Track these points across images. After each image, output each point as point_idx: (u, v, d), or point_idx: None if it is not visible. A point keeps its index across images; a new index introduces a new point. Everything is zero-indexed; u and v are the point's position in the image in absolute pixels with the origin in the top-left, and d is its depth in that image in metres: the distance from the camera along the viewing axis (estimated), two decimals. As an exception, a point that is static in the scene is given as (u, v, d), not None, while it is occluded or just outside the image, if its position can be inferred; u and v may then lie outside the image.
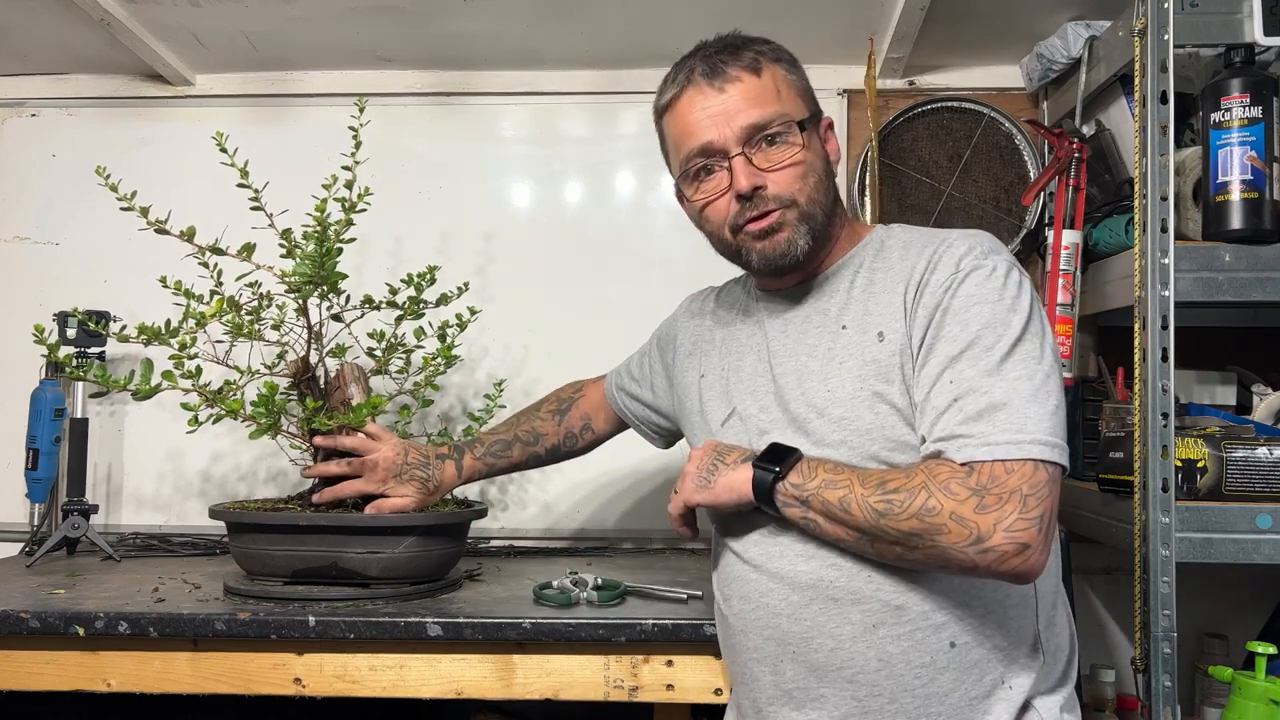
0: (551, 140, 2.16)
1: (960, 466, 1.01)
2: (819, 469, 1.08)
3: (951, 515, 0.99)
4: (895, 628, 1.08)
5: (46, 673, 1.42)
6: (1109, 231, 1.73)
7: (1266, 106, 1.43)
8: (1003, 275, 1.08)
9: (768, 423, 1.18)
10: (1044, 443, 1.00)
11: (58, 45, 2.02)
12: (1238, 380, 1.77)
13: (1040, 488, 0.99)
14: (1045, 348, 1.06)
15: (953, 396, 1.03)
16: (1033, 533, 0.98)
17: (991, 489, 0.99)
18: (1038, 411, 1.01)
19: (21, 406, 2.02)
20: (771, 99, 1.16)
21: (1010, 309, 1.06)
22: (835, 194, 1.21)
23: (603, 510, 2.10)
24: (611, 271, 2.12)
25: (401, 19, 1.89)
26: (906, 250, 1.16)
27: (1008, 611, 1.09)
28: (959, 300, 1.07)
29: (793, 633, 1.12)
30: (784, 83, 1.18)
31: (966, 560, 0.99)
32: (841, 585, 1.10)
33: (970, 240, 1.12)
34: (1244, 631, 1.79)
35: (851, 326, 1.15)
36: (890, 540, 1.03)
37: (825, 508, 1.06)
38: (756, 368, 1.23)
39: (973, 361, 1.04)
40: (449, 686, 1.40)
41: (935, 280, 1.09)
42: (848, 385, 1.12)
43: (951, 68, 2.10)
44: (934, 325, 1.08)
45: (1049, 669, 1.12)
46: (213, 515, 1.52)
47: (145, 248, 1.54)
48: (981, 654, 1.08)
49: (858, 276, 1.18)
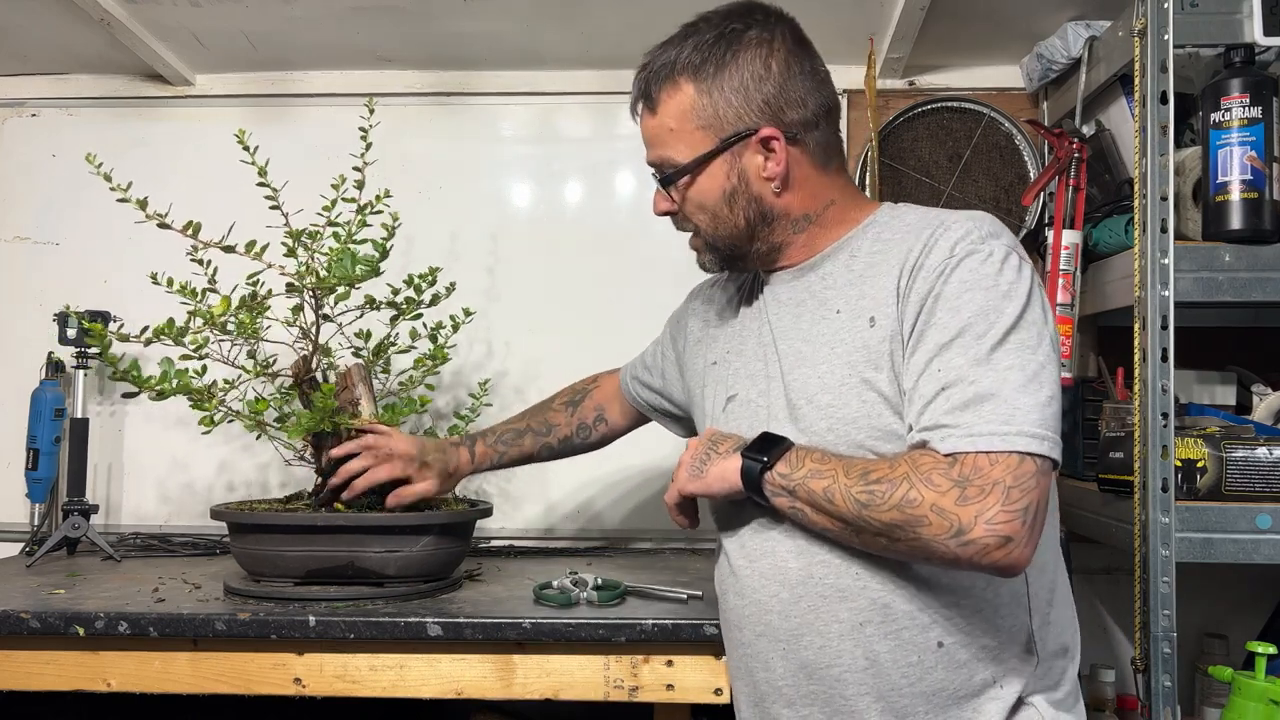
0: (551, 140, 2.16)
1: (944, 457, 0.99)
2: (806, 458, 1.07)
3: (932, 507, 0.97)
4: (882, 626, 1.07)
5: (46, 673, 1.42)
6: (1109, 231, 1.73)
7: (1266, 106, 1.43)
8: (999, 260, 1.05)
9: (767, 408, 1.18)
10: (1031, 434, 0.98)
11: (58, 45, 2.02)
12: (1238, 380, 1.77)
13: (1025, 479, 0.97)
14: (1042, 336, 1.03)
15: (940, 385, 1.01)
16: (1016, 525, 0.96)
17: (974, 480, 0.97)
18: (1027, 402, 0.99)
19: (21, 406, 2.02)
20: (662, 140, 1.19)
21: (1005, 295, 1.03)
22: (759, 212, 1.18)
23: (603, 510, 2.10)
24: (611, 271, 2.12)
25: (401, 19, 1.89)
26: (905, 232, 1.13)
27: (998, 610, 1.08)
28: (951, 286, 1.04)
29: (783, 630, 1.12)
30: (684, 115, 1.16)
31: (948, 553, 0.98)
32: (830, 583, 1.09)
33: (969, 223, 1.08)
34: (1244, 631, 1.79)
35: (845, 311, 1.13)
36: (874, 531, 1.02)
37: (811, 498, 1.05)
38: (757, 352, 1.23)
39: (962, 350, 1.01)
40: (449, 686, 1.40)
41: (929, 265, 1.07)
42: (837, 372, 1.11)
43: (951, 68, 2.10)
44: (925, 311, 1.05)
45: (1045, 668, 1.11)
46: (214, 516, 1.51)
47: (145, 248, 1.54)
48: (971, 654, 1.07)
49: (855, 260, 1.16)
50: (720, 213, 1.18)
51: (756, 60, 1.14)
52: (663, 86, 1.17)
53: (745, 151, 1.16)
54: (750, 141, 1.15)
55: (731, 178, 1.17)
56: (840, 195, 1.21)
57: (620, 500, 2.10)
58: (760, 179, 1.16)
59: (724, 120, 1.15)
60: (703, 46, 1.15)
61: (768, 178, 1.16)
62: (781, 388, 1.16)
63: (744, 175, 1.16)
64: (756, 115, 1.15)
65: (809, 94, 1.17)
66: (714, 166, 1.17)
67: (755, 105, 1.14)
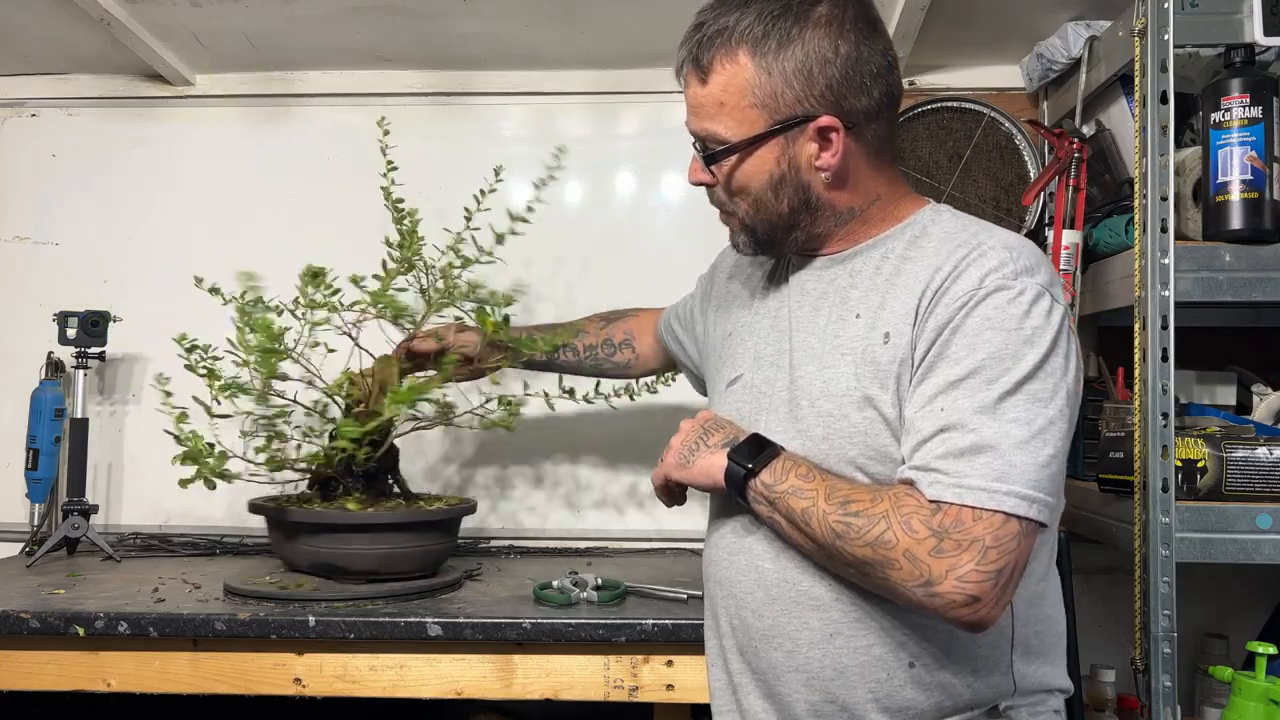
0: (551, 140, 2.15)
1: (928, 503, 0.96)
2: (791, 472, 1.05)
3: (905, 552, 0.95)
4: (852, 640, 1.06)
5: (46, 673, 1.42)
6: (1109, 231, 1.73)
7: (1266, 106, 1.43)
8: (1029, 301, 0.99)
9: (770, 398, 1.15)
10: (1022, 495, 0.94)
11: (58, 45, 2.02)
12: (1238, 380, 1.77)
13: (1006, 541, 0.93)
14: (1058, 390, 0.98)
15: (940, 425, 0.97)
16: (985, 586, 0.93)
17: (953, 533, 0.94)
18: (1025, 460, 0.94)
19: (21, 406, 2.02)
20: (710, 112, 1.09)
21: (1026, 341, 0.97)
22: (804, 201, 1.11)
23: (603, 510, 2.10)
24: (611, 271, 2.11)
25: (401, 19, 1.89)
26: (941, 245, 1.07)
27: (975, 639, 1.04)
28: (973, 321, 0.99)
29: (756, 628, 1.12)
30: (738, 90, 1.07)
31: (915, 599, 0.96)
32: (804, 589, 1.08)
33: (1006, 253, 1.02)
34: (1244, 631, 1.79)
35: (864, 317, 1.08)
36: (845, 562, 1.01)
37: (789, 515, 1.04)
38: (771, 336, 1.18)
39: (970, 393, 0.97)
40: (449, 686, 1.40)
41: (954, 292, 1.01)
42: (843, 380, 1.07)
43: (951, 68, 2.10)
44: (940, 342, 1.00)
45: (1023, 697, 1.09)
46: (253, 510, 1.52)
47: (145, 248, 1.54)
48: (944, 677, 1.05)
49: (885, 262, 1.10)
50: (764, 197, 1.11)
51: (825, 41, 1.05)
52: (717, 55, 1.07)
53: (800, 138, 1.08)
54: (807, 128, 1.07)
55: (781, 164, 1.09)
56: (887, 191, 1.14)
57: (621, 500, 2.10)
58: (811, 168, 1.09)
59: (781, 102, 1.06)
60: (767, 17, 1.05)
61: (820, 168, 1.09)
62: (788, 380, 1.13)
63: (794, 162, 1.09)
64: (817, 101, 1.06)
65: (874, 82, 1.08)
66: (764, 150, 1.09)
67: (817, 90, 1.06)
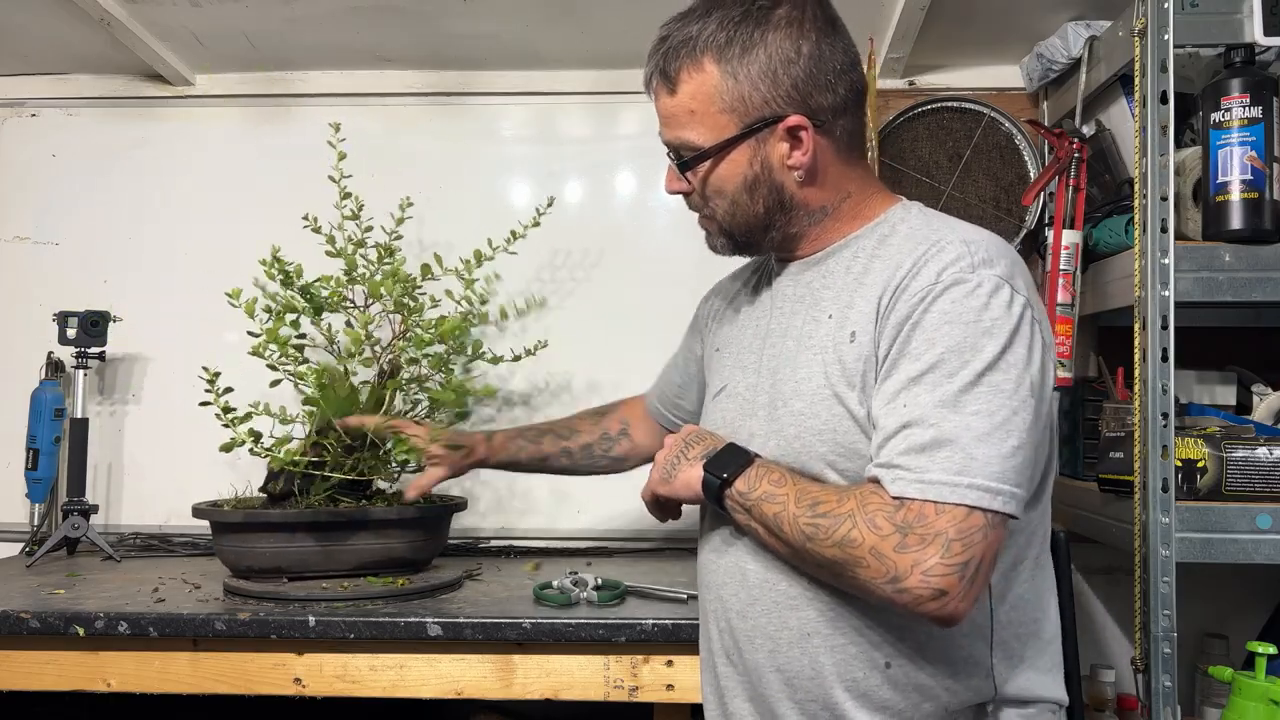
0: (551, 140, 2.16)
1: (891, 499, 0.96)
2: (764, 479, 1.06)
3: (871, 550, 0.95)
4: (829, 639, 1.06)
5: (46, 673, 1.42)
6: (1109, 231, 1.73)
7: (1266, 106, 1.43)
8: (987, 292, 0.99)
9: (751, 403, 1.16)
10: (985, 487, 0.94)
11: (58, 45, 2.02)
12: (1238, 380, 1.77)
13: (970, 533, 0.93)
14: (1021, 380, 0.97)
15: (902, 422, 0.97)
16: (952, 579, 0.92)
17: (916, 528, 0.93)
18: (987, 453, 0.94)
19: (21, 406, 2.02)
20: (681, 121, 1.12)
21: (985, 333, 0.97)
22: (779, 201, 1.13)
23: (603, 510, 2.10)
24: (611, 271, 2.11)
25: (401, 19, 1.89)
26: (904, 242, 1.08)
27: (954, 640, 1.04)
28: (931, 316, 0.99)
29: (740, 630, 1.12)
30: (706, 97, 1.09)
31: (884, 596, 0.96)
32: (783, 589, 1.08)
33: (964, 246, 1.02)
34: (1244, 631, 1.79)
35: (835, 317, 1.10)
36: (816, 563, 1.02)
37: (764, 520, 1.05)
38: (753, 344, 1.20)
39: (931, 387, 0.97)
40: (449, 686, 1.40)
41: (913, 288, 1.02)
42: (814, 379, 1.08)
43: (951, 68, 2.10)
44: (901, 338, 1.01)
45: (1004, 702, 1.08)
46: (196, 514, 1.51)
47: (145, 248, 1.54)
48: (921, 678, 1.05)
49: (855, 262, 1.12)
50: (739, 199, 1.13)
51: (787, 42, 1.08)
52: (683, 65, 1.10)
53: (771, 139, 1.10)
54: (777, 129, 1.09)
55: (754, 165, 1.11)
56: (858, 187, 1.16)
57: (621, 500, 2.09)
58: (784, 168, 1.11)
59: (750, 105, 1.09)
60: (728, 24, 1.08)
61: (792, 166, 1.11)
62: (769, 384, 1.14)
63: (767, 163, 1.11)
64: (784, 101, 1.08)
65: (839, 79, 1.10)
66: (736, 153, 1.11)
67: (783, 90, 1.08)
